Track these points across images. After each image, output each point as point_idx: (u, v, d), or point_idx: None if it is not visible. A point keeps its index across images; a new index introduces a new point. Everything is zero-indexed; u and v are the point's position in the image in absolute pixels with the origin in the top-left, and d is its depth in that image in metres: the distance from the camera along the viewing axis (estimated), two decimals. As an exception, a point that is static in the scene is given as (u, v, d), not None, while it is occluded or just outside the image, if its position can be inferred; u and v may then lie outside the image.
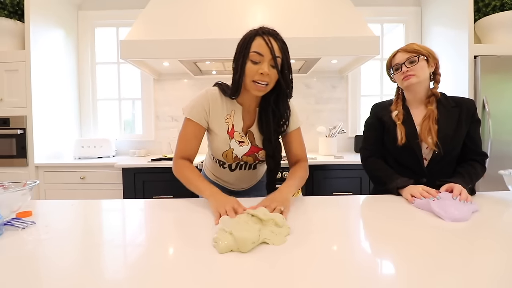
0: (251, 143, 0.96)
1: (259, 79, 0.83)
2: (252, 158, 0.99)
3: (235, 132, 0.94)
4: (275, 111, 0.93)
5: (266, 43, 0.81)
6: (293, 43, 1.90)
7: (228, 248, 0.54)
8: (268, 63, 0.83)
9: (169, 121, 2.61)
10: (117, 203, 0.94)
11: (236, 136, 0.94)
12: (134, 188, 1.97)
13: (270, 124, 0.93)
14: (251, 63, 0.83)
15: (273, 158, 0.96)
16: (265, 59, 0.82)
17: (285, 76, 0.86)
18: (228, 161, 0.99)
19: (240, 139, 0.95)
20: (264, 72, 0.82)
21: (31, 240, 0.61)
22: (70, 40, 2.48)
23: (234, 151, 0.96)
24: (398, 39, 2.65)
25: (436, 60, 1.02)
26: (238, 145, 0.95)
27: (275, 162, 0.97)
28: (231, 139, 0.94)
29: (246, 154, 0.97)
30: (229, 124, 0.94)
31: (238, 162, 1.01)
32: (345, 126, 2.59)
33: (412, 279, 0.45)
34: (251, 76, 0.84)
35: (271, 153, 0.95)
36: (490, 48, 2.02)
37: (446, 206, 0.76)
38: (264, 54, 0.82)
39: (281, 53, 0.83)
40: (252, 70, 0.83)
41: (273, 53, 0.81)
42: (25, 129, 2.05)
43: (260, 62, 0.83)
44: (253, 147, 0.97)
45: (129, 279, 0.46)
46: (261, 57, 0.82)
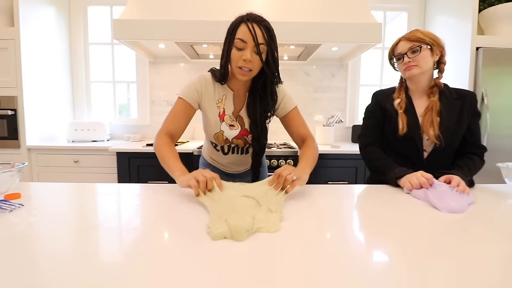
0: (240, 127, 1.01)
1: (242, 65, 0.87)
2: (242, 141, 1.04)
3: (225, 116, 0.98)
4: (262, 96, 0.97)
5: (250, 30, 0.84)
6: (292, 27, 1.88)
7: (222, 236, 0.53)
8: (251, 49, 0.85)
9: (164, 105, 2.56)
10: (109, 187, 0.92)
11: (227, 120, 0.99)
12: (129, 172, 1.95)
13: (256, 108, 0.97)
14: (236, 50, 0.87)
15: (258, 141, 1.00)
16: (248, 45, 0.85)
17: (269, 63, 0.89)
18: (219, 142, 1.03)
19: (230, 123, 0.99)
20: (246, 59, 0.85)
21: (19, 223, 0.59)
22: (62, 19, 2.39)
23: (224, 134, 1.00)
24: (400, 27, 2.60)
25: (441, 47, 0.98)
26: (229, 128, 0.99)
27: (260, 145, 1.01)
28: (221, 122, 0.99)
29: (236, 137, 1.02)
30: (220, 108, 0.98)
31: (229, 145, 1.05)
32: (343, 115, 2.57)
33: (406, 267, 0.44)
34: (235, 62, 0.88)
35: (256, 136, 0.99)
36: (493, 40, 1.98)
37: (443, 197, 0.76)
38: (248, 41, 0.85)
39: (264, 40, 0.85)
40: (236, 56, 0.87)
41: (255, 40, 0.84)
42: (16, 110, 2.00)
43: (244, 49, 0.86)
44: (242, 131, 1.01)
45: (124, 263, 0.44)
46: (244, 43, 0.85)
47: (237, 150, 1.07)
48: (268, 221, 0.60)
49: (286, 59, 2.43)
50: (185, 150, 1.91)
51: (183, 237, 0.55)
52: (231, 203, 0.66)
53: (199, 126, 1.10)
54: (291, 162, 1.91)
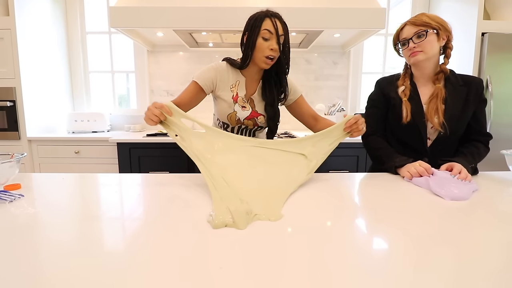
0: (251, 108, 1.10)
1: (270, 54, 0.97)
2: (252, 122, 1.12)
3: (238, 98, 1.08)
4: (277, 83, 1.09)
5: (273, 24, 0.96)
6: (293, 13, 1.83)
7: (223, 224, 0.53)
8: (276, 40, 0.97)
9: (164, 95, 2.54)
10: (110, 177, 0.92)
11: (240, 101, 1.08)
12: (130, 163, 1.95)
13: (273, 92, 1.08)
14: (262, 40, 0.97)
15: (273, 120, 1.11)
16: (273, 36, 0.97)
17: (286, 53, 1.01)
18: (231, 123, 1.11)
19: (242, 104, 1.09)
20: (274, 48, 0.96)
21: (19, 213, 0.59)
22: (58, 7, 2.33)
23: (237, 114, 1.09)
24: (404, 13, 2.53)
25: (448, 32, 0.95)
26: (241, 109, 1.08)
27: (274, 123, 1.13)
28: (235, 103, 1.08)
29: (247, 118, 1.10)
30: (234, 92, 1.08)
31: (240, 126, 1.12)
32: (345, 104, 2.55)
33: (409, 254, 0.44)
34: (262, 51, 0.97)
35: (273, 116, 1.10)
36: (500, 25, 1.93)
37: (445, 184, 0.75)
38: (274, 32, 0.96)
39: (284, 33, 0.98)
40: (263, 46, 0.97)
41: (278, 32, 0.96)
42: (15, 102, 1.98)
43: (270, 39, 0.97)
44: (253, 112, 1.10)
45: (126, 253, 0.44)
46: (271, 34, 0.96)
47: (245, 132, 1.15)
48: (269, 208, 0.60)
49: (287, 46, 2.38)
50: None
51: (184, 226, 0.54)
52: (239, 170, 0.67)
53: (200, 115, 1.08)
54: (292, 151, 1.90)
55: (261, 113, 1.11)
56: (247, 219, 0.54)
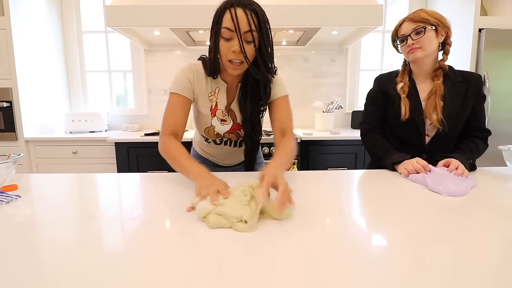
0: (232, 122, 0.93)
1: (232, 58, 0.77)
2: (235, 135, 0.96)
3: (217, 110, 0.91)
4: (254, 88, 0.87)
5: (232, 19, 0.73)
6: (291, 11, 1.83)
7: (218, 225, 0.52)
8: (237, 39, 0.75)
9: (162, 94, 2.53)
10: (108, 177, 0.91)
11: (219, 114, 0.91)
12: (128, 163, 1.94)
13: (247, 103, 0.88)
14: (224, 40, 0.77)
15: (251, 138, 0.92)
16: (234, 35, 0.75)
17: (262, 52, 0.79)
18: (210, 137, 0.97)
19: (222, 117, 0.92)
20: (235, 50, 0.75)
21: (16, 214, 0.59)
22: (53, 7, 2.31)
23: (215, 129, 0.93)
24: (402, 9, 2.53)
25: (447, 28, 0.95)
26: (220, 123, 0.92)
27: (253, 142, 0.94)
28: (213, 116, 0.91)
29: (228, 132, 0.95)
30: (213, 102, 0.90)
31: (221, 139, 0.99)
32: (343, 101, 2.55)
33: (408, 250, 0.44)
34: (225, 55, 0.78)
35: (249, 133, 0.91)
36: (497, 21, 1.93)
37: (442, 180, 0.76)
38: (233, 29, 0.74)
39: (254, 26, 0.75)
40: (224, 48, 0.77)
41: (239, 29, 0.73)
42: (11, 102, 1.97)
43: (232, 39, 0.76)
44: (234, 125, 0.93)
45: (125, 253, 0.44)
46: (231, 32, 0.75)
47: (229, 143, 1.01)
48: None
49: (285, 44, 2.37)
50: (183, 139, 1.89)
51: (183, 226, 0.54)
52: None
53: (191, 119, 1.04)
54: (290, 149, 1.90)
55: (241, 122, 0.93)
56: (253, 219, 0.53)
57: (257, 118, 0.92)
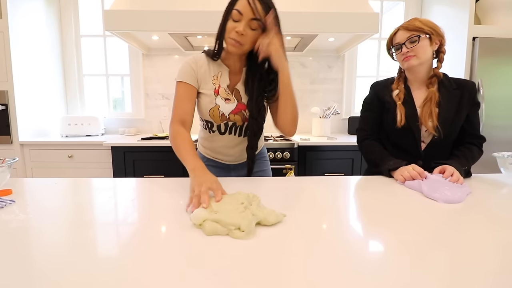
0: (237, 101, 0.96)
1: (234, 37, 0.84)
2: (240, 117, 0.97)
3: (220, 89, 0.95)
4: (262, 74, 0.93)
5: (249, 3, 0.81)
6: (288, 18, 1.84)
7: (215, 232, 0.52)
8: (246, 23, 0.82)
9: (159, 99, 2.53)
10: (104, 182, 0.91)
11: (222, 93, 0.95)
12: (124, 167, 1.93)
13: (255, 85, 0.93)
14: (231, 21, 0.84)
15: (256, 120, 0.95)
16: (243, 18, 0.82)
17: None
18: (215, 120, 0.97)
19: (226, 96, 0.95)
20: (238, 31, 0.82)
21: (10, 219, 0.58)
22: (52, 10, 2.31)
23: (220, 108, 0.95)
24: (397, 17, 2.57)
25: (441, 36, 0.97)
26: (224, 102, 0.95)
27: (258, 125, 0.96)
28: (216, 95, 0.95)
29: (233, 112, 0.96)
30: (216, 84, 0.95)
31: (226, 123, 0.99)
32: (340, 107, 2.56)
33: (405, 257, 0.44)
34: (229, 32, 0.85)
35: (255, 115, 0.94)
36: (490, 30, 1.97)
37: (438, 187, 0.76)
38: (244, 13, 0.82)
39: (261, 15, 0.83)
40: (230, 27, 0.85)
41: (254, 13, 0.81)
42: (7, 105, 1.96)
43: (239, 21, 0.83)
44: (239, 104, 0.96)
45: (120, 259, 0.44)
46: (240, 16, 0.82)
47: (234, 130, 1.00)
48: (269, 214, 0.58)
49: (282, 50, 2.39)
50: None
51: (179, 232, 0.54)
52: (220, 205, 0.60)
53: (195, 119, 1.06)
54: (287, 155, 1.90)
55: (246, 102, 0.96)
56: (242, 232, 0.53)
57: (262, 102, 0.96)
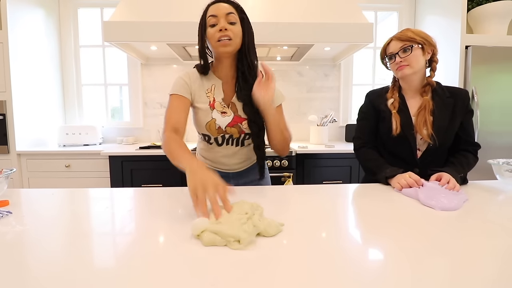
0: (233, 114, 0.97)
1: (220, 35, 0.87)
2: (236, 130, 0.98)
3: (216, 103, 0.97)
4: (243, 72, 0.95)
5: (218, 4, 0.89)
6: (285, 28, 1.89)
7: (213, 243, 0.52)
8: (224, 19, 0.87)
9: (157, 108, 2.54)
10: (101, 192, 0.90)
11: (218, 107, 0.96)
12: (122, 176, 1.92)
13: (246, 91, 0.94)
14: (210, 28, 0.89)
15: (255, 121, 0.96)
16: (219, 18, 0.88)
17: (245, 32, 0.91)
18: (212, 133, 0.98)
19: (222, 110, 0.97)
20: (222, 27, 0.86)
21: (7, 231, 0.58)
22: (51, 21, 2.35)
23: (216, 122, 0.96)
24: (391, 27, 2.63)
25: (433, 46, 0.99)
26: (221, 115, 0.96)
27: (258, 125, 0.97)
28: (212, 109, 0.96)
29: (229, 125, 0.97)
30: (210, 98, 0.97)
31: (223, 136, 0.99)
32: (337, 115, 2.59)
33: (402, 265, 0.44)
34: (213, 38, 0.88)
35: (253, 117, 0.95)
36: (482, 38, 2.02)
37: (435, 195, 0.77)
38: (218, 14, 0.88)
39: (234, 9, 0.89)
40: (211, 33, 0.88)
41: (227, 8, 0.88)
42: (5, 115, 1.96)
43: (217, 23, 0.88)
44: (236, 117, 0.97)
45: (117, 270, 0.43)
46: (215, 18, 0.88)
47: (231, 141, 1.01)
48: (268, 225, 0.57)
49: (279, 59, 2.43)
50: (179, 153, 1.89)
51: (177, 242, 0.54)
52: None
53: (192, 127, 1.05)
54: (286, 163, 1.91)
55: (245, 117, 0.97)
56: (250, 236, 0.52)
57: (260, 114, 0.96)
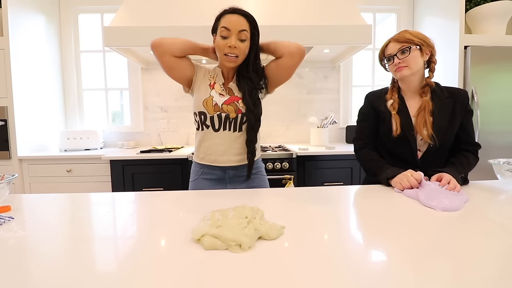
0: (229, 95, 1.03)
1: (228, 52, 0.94)
2: (232, 108, 1.01)
3: (216, 85, 1.04)
4: (247, 76, 1.01)
5: (231, 20, 0.92)
6: (284, 31, 1.89)
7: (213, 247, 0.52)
8: (235, 36, 0.93)
9: (158, 112, 2.55)
10: (103, 196, 0.90)
11: (217, 88, 1.04)
12: (123, 180, 1.93)
13: (247, 81, 1.01)
14: (221, 38, 0.94)
15: (253, 112, 1.00)
16: (232, 33, 0.92)
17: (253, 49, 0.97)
18: (208, 110, 1.02)
19: (220, 92, 1.03)
20: (231, 45, 0.92)
21: (9, 237, 0.58)
22: (52, 27, 2.36)
23: (214, 99, 1.02)
24: (390, 28, 2.63)
25: (431, 47, 0.99)
26: (218, 95, 1.03)
27: (255, 116, 1.01)
28: (211, 89, 1.03)
29: (225, 103, 1.01)
30: (212, 81, 1.05)
31: (220, 114, 1.01)
32: (337, 116, 2.59)
33: (405, 267, 0.44)
34: (221, 50, 0.95)
35: (251, 107, 0.99)
36: (481, 39, 2.02)
37: (436, 196, 0.76)
38: (231, 29, 0.92)
39: (248, 28, 0.94)
40: (221, 44, 0.94)
41: (240, 25, 0.92)
42: (6, 121, 1.97)
43: (228, 37, 0.93)
44: (232, 96, 1.02)
45: (119, 274, 0.43)
46: (228, 31, 0.92)
47: (229, 124, 1.02)
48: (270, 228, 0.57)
49: (279, 62, 2.44)
50: (180, 156, 1.90)
51: (179, 245, 0.54)
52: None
53: (193, 131, 1.09)
54: (286, 165, 1.91)
55: (241, 97, 1.01)
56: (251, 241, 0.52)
57: (257, 94, 1.02)
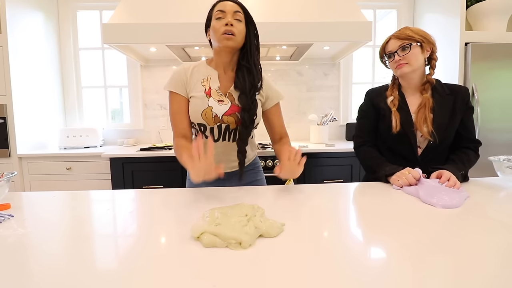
0: (231, 102, 0.98)
1: (225, 30, 0.91)
2: (233, 119, 0.98)
3: (212, 90, 0.98)
4: (248, 68, 0.98)
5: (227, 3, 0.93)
6: (284, 28, 1.89)
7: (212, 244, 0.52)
8: (231, 16, 0.92)
9: (158, 109, 2.54)
10: (102, 194, 0.90)
11: (214, 94, 0.98)
12: (123, 178, 1.93)
13: (245, 79, 0.97)
14: (216, 21, 0.93)
15: (249, 112, 0.97)
16: (227, 14, 0.93)
17: (250, 33, 0.96)
18: (208, 122, 0.98)
19: (218, 98, 0.98)
20: (228, 22, 0.91)
21: (9, 234, 0.58)
22: (50, 24, 2.35)
23: (213, 110, 0.97)
24: (390, 25, 2.62)
25: (431, 44, 0.99)
26: (217, 103, 0.97)
27: (250, 117, 0.97)
28: (208, 97, 0.97)
29: (226, 114, 0.97)
30: (206, 86, 0.99)
31: (220, 125, 0.99)
32: (337, 114, 2.59)
33: (405, 264, 0.44)
34: (218, 31, 0.93)
35: (247, 106, 0.96)
36: (481, 35, 2.01)
37: (436, 192, 0.76)
38: (226, 10, 0.93)
39: (240, 9, 0.95)
40: (217, 25, 0.93)
41: (233, 8, 0.93)
42: (5, 118, 1.96)
43: (223, 18, 0.92)
44: (233, 106, 0.98)
45: (119, 271, 0.43)
46: (223, 13, 0.93)
47: (228, 135, 1.01)
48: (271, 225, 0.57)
49: (279, 59, 2.43)
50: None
51: (178, 243, 0.54)
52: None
53: None
54: (286, 162, 1.90)
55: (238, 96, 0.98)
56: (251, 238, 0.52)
57: (254, 95, 0.99)
